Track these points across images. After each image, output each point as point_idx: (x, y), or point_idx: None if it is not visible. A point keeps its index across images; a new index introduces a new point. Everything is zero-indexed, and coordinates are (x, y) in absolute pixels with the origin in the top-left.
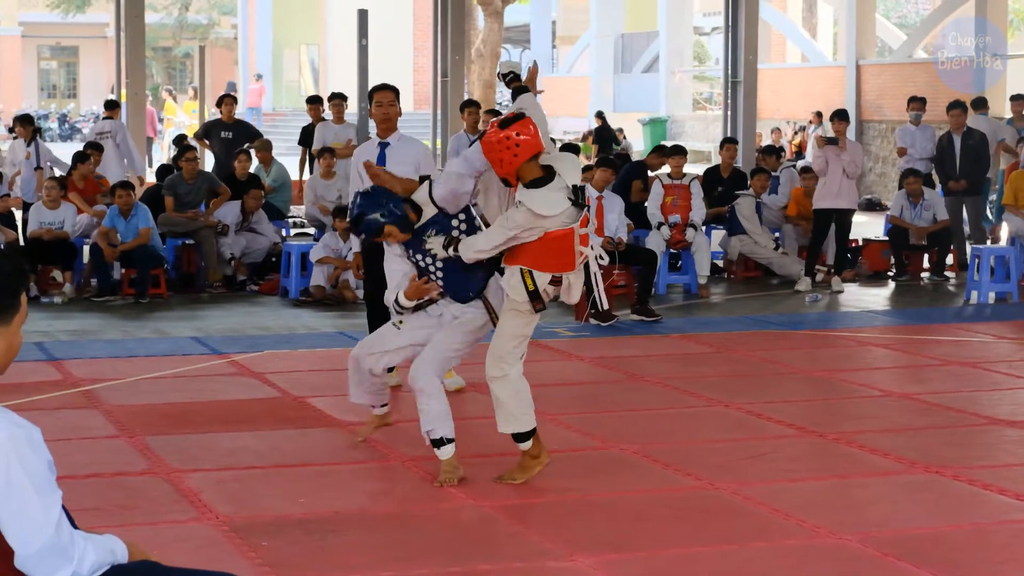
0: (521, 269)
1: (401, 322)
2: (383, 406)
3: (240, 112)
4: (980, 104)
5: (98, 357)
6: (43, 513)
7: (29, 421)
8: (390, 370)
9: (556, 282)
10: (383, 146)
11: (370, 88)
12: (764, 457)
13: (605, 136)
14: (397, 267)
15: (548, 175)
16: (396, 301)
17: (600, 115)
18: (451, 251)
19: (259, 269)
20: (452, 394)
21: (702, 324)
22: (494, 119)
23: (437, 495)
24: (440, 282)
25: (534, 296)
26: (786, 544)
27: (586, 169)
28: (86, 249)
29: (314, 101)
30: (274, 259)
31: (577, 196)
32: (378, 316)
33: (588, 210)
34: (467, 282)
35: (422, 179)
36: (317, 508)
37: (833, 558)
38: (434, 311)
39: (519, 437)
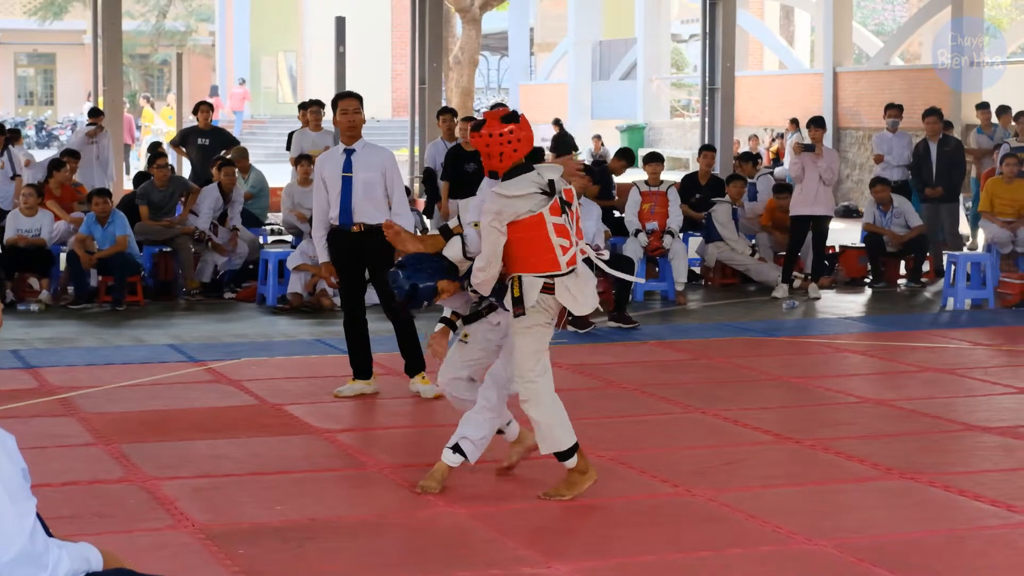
0: (511, 277)
1: (467, 335)
2: (508, 425)
3: (223, 116)
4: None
5: (75, 365)
6: (17, 521)
7: (3, 429)
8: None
9: (549, 289)
10: (348, 153)
11: (334, 96)
12: (740, 464)
13: (562, 143)
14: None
15: (527, 168)
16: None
17: (557, 122)
18: (471, 290)
19: (236, 277)
20: (432, 401)
21: (679, 331)
22: (488, 111)
23: (414, 502)
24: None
25: (517, 302)
26: (762, 551)
27: None
28: (63, 256)
29: (306, 107)
30: (251, 266)
31: (551, 187)
32: (355, 325)
33: (568, 207)
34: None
35: (442, 231)
36: (294, 515)
37: (809, 564)
38: (493, 319)
39: (561, 456)
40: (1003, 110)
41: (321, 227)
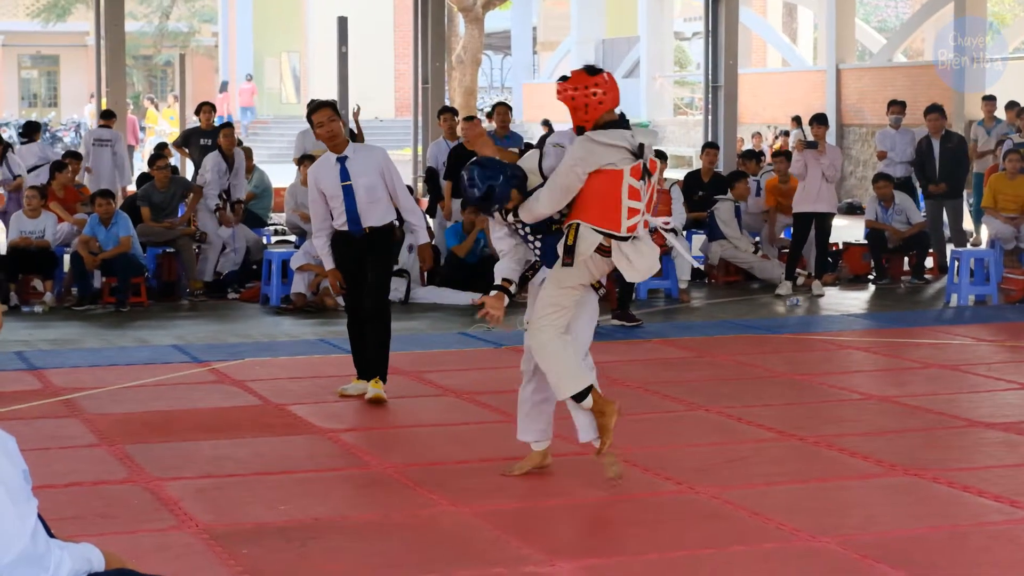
0: (570, 224)
1: (527, 322)
2: (545, 442)
3: (233, 112)
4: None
5: (79, 366)
6: (18, 522)
7: (5, 430)
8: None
9: (604, 251)
10: (342, 161)
11: (308, 106)
12: (744, 461)
13: None
14: (504, 245)
15: (622, 124)
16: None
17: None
18: (510, 217)
19: (240, 277)
20: (436, 399)
21: (683, 329)
22: (575, 71)
23: (417, 501)
24: (537, 252)
25: (568, 251)
26: (766, 548)
27: None
28: (67, 258)
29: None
30: (255, 267)
31: (640, 150)
32: (357, 325)
33: (648, 176)
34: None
35: (522, 152)
36: (297, 515)
37: (813, 561)
38: (536, 280)
39: (578, 397)
40: (1011, 105)
41: (322, 234)
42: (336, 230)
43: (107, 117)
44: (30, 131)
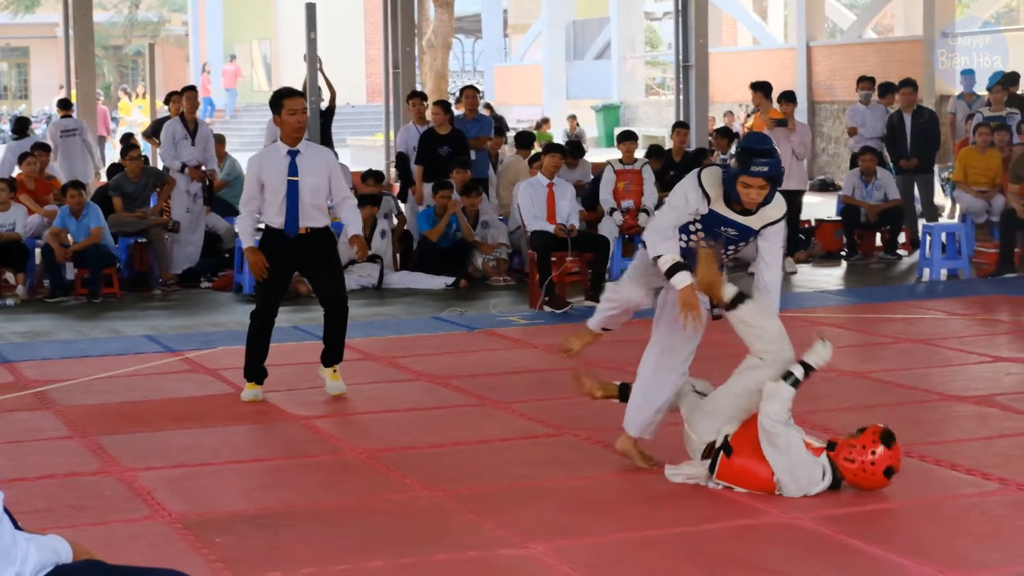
0: None
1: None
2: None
3: (216, 94)
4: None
5: (51, 358)
6: None
7: None
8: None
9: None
10: (293, 155)
11: (277, 92)
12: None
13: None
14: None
15: None
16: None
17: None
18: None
19: (212, 266)
20: (407, 384)
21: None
22: None
23: (391, 486)
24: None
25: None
26: (738, 524)
27: (535, 158)
28: (38, 251)
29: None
30: (227, 255)
31: None
32: (266, 324)
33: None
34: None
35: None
36: (270, 503)
37: (787, 537)
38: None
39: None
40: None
41: (249, 217)
42: (267, 227)
43: (65, 107)
44: (21, 127)
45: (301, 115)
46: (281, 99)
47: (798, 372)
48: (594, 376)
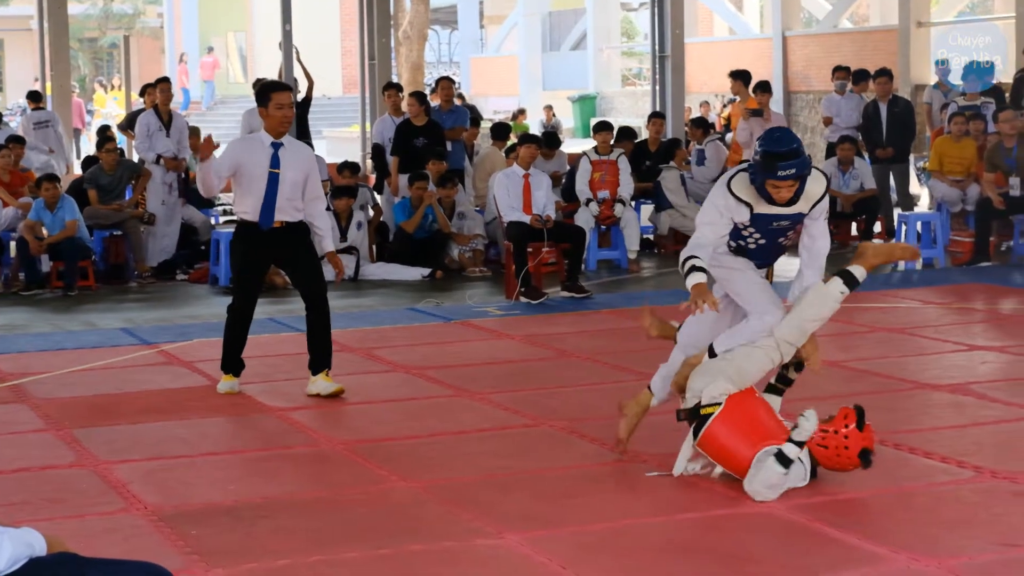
0: None
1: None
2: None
3: (193, 86)
4: None
5: (26, 351)
6: None
7: None
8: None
9: None
10: (276, 147)
11: (264, 84)
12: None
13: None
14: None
15: None
16: None
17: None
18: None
19: (188, 258)
20: (386, 375)
21: (633, 299)
22: None
23: (367, 477)
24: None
25: None
26: (715, 514)
27: (511, 148)
28: (13, 244)
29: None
30: (203, 247)
31: None
32: (243, 318)
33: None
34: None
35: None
36: (246, 495)
37: (762, 526)
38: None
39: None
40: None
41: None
42: (241, 221)
43: (35, 99)
44: None
45: (288, 109)
46: (269, 92)
47: (790, 452)
48: (658, 316)
